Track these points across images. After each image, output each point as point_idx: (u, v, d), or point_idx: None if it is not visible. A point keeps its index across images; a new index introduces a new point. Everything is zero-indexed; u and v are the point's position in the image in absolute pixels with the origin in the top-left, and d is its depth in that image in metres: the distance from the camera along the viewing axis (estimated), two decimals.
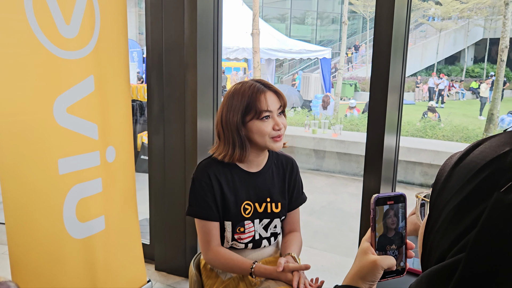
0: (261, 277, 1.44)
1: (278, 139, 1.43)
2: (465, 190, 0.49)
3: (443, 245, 0.50)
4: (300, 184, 1.62)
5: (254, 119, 1.40)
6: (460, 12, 21.88)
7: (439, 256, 0.50)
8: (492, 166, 0.47)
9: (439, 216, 0.52)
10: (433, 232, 0.53)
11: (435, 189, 0.56)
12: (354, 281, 0.82)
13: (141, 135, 5.92)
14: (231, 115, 1.40)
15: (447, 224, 0.50)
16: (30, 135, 1.70)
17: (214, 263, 1.48)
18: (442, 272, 0.48)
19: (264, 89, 1.41)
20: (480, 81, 20.33)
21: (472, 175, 0.49)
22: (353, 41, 24.85)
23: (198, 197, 1.45)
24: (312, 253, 3.23)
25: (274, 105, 1.41)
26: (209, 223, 1.46)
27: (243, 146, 1.42)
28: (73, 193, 1.88)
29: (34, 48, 1.67)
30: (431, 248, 0.53)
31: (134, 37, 19.30)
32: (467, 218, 0.47)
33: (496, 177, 0.46)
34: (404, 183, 6.08)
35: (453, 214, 0.49)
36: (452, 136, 7.59)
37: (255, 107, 1.38)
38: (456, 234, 0.48)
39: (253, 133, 1.41)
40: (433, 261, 0.51)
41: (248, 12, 12.02)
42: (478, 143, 0.54)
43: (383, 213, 0.83)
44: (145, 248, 2.54)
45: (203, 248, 1.48)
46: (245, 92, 1.40)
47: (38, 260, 1.78)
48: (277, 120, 1.41)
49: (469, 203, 0.48)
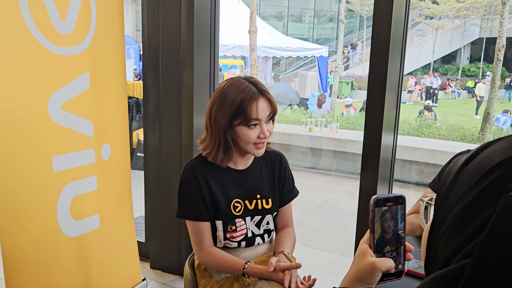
0: (254, 277, 1.43)
1: (261, 146, 1.43)
2: (472, 193, 0.48)
3: (448, 250, 0.48)
4: (290, 179, 1.61)
5: (242, 125, 1.38)
6: (457, 11, 21.93)
7: (444, 260, 0.48)
8: (501, 169, 0.46)
9: (444, 219, 0.51)
10: (438, 236, 0.52)
11: (441, 192, 0.54)
12: (352, 283, 0.81)
13: (137, 132, 5.89)
14: (220, 116, 1.38)
15: (452, 227, 0.49)
16: (24, 132, 1.68)
17: (208, 264, 1.48)
18: (446, 278, 0.46)
19: (257, 96, 1.38)
20: (476, 80, 20.40)
21: (479, 178, 0.48)
22: (350, 40, 24.86)
23: (187, 199, 1.45)
24: (307, 252, 3.22)
25: (264, 113, 1.39)
26: (200, 224, 1.45)
27: (226, 150, 1.42)
28: (68, 190, 1.86)
29: (28, 44, 1.65)
30: (435, 252, 0.52)
31: (131, 34, 19.20)
32: (474, 221, 0.45)
33: (505, 180, 0.45)
34: (400, 181, 6.08)
35: (459, 217, 0.48)
36: (448, 135, 7.60)
37: (245, 114, 1.36)
38: (462, 238, 0.46)
39: (238, 138, 1.41)
40: (437, 266, 0.49)
41: (245, 10, 11.99)
42: (486, 145, 0.52)
43: (382, 215, 0.82)
44: (140, 246, 2.53)
45: (196, 249, 1.48)
46: (238, 95, 1.37)
47: (32, 258, 1.76)
48: (263, 129, 1.40)
49: (476, 206, 0.46)
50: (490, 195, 0.45)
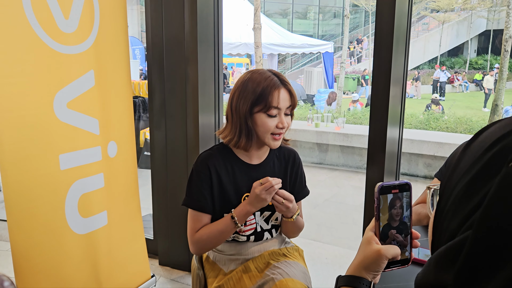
0: (245, 218, 1.41)
1: (278, 137, 1.43)
2: (473, 170, 0.48)
3: (452, 226, 0.48)
4: (303, 177, 1.60)
5: (261, 112, 1.39)
6: (463, 3, 21.73)
7: (449, 237, 0.49)
8: (501, 143, 0.46)
9: (448, 199, 0.51)
10: (442, 215, 0.52)
11: (446, 174, 0.55)
12: (358, 271, 0.81)
13: (144, 131, 5.91)
14: (242, 102, 1.39)
15: (456, 204, 0.49)
16: (31, 130, 1.69)
17: (200, 241, 1.45)
18: (449, 251, 0.46)
19: (279, 85, 1.39)
20: (484, 72, 20.21)
21: (480, 154, 0.48)
22: (355, 35, 24.74)
23: (195, 188, 1.45)
24: (315, 246, 3.22)
25: (285, 103, 1.40)
26: (201, 214, 1.46)
27: (249, 135, 1.41)
28: (75, 188, 1.87)
29: (33, 43, 1.67)
30: (441, 231, 0.52)
31: (136, 34, 19.24)
32: (476, 196, 0.46)
33: (504, 153, 0.45)
34: (408, 175, 6.05)
35: (462, 193, 0.48)
36: (456, 127, 7.54)
37: (266, 101, 1.37)
38: (465, 213, 0.46)
39: (257, 125, 1.40)
40: (443, 244, 0.49)
41: (250, 7, 11.98)
42: (487, 126, 0.53)
43: (388, 202, 0.81)
44: (149, 243, 2.54)
45: (189, 235, 1.47)
46: (261, 82, 1.38)
47: (41, 256, 1.78)
48: (282, 119, 1.41)
49: (478, 182, 0.47)
50: (491, 169, 0.45)
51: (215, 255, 1.56)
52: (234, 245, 1.52)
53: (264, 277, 1.44)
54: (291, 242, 1.65)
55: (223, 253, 1.54)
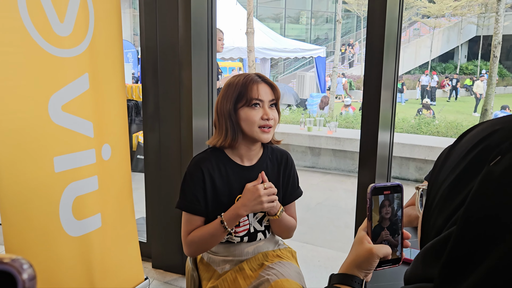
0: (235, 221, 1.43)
1: (267, 130, 1.44)
2: (458, 169, 0.50)
3: (438, 222, 0.51)
4: (295, 178, 1.62)
5: (244, 107, 1.42)
6: (453, 9, 21.97)
7: (435, 233, 0.51)
8: (484, 142, 0.49)
9: (435, 197, 0.54)
10: (429, 213, 0.54)
11: (432, 174, 0.57)
12: (350, 269, 0.83)
13: (137, 134, 5.90)
14: (225, 103, 1.43)
15: (442, 202, 0.51)
16: (25, 133, 1.70)
17: (193, 243, 1.47)
18: (435, 246, 0.49)
19: (258, 80, 1.44)
20: (474, 78, 20.42)
21: (464, 155, 0.51)
22: (347, 40, 24.90)
23: (188, 191, 1.47)
24: (308, 249, 3.24)
25: (266, 96, 1.43)
26: (195, 217, 1.48)
27: (234, 132, 1.44)
28: (69, 191, 1.88)
29: (28, 46, 1.67)
30: (428, 228, 0.54)
31: (129, 38, 19.21)
32: (460, 194, 0.48)
33: (487, 153, 0.47)
34: (399, 178, 6.10)
35: (447, 192, 0.51)
36: (447, 132, 7.63)
37: (246, 95, 1.41)
38: (450, 210, 0.49)
39: (242, 120, 1.43)
40: (430, 240, 0.52)
41: (243, 12, 12.02)
42: (471, 128, 0.55)
43: (380, 203, 0.84)
44: (142, 246, 2.55)
45: (183, 237, 1.49)
46: (240, 81, 1.44)
47: (35, 258, 1.78)
48: (266, 110, 1.43)
49: (462, 181, 0.49)
50: (474, 168, 0.48)
51: (209, 256, 1.58)
52: (228, 247, 1.54)
53: (259, 278, 1.45)
54: (284, 244, 1.67)
55: (217, 254, 1.56)
